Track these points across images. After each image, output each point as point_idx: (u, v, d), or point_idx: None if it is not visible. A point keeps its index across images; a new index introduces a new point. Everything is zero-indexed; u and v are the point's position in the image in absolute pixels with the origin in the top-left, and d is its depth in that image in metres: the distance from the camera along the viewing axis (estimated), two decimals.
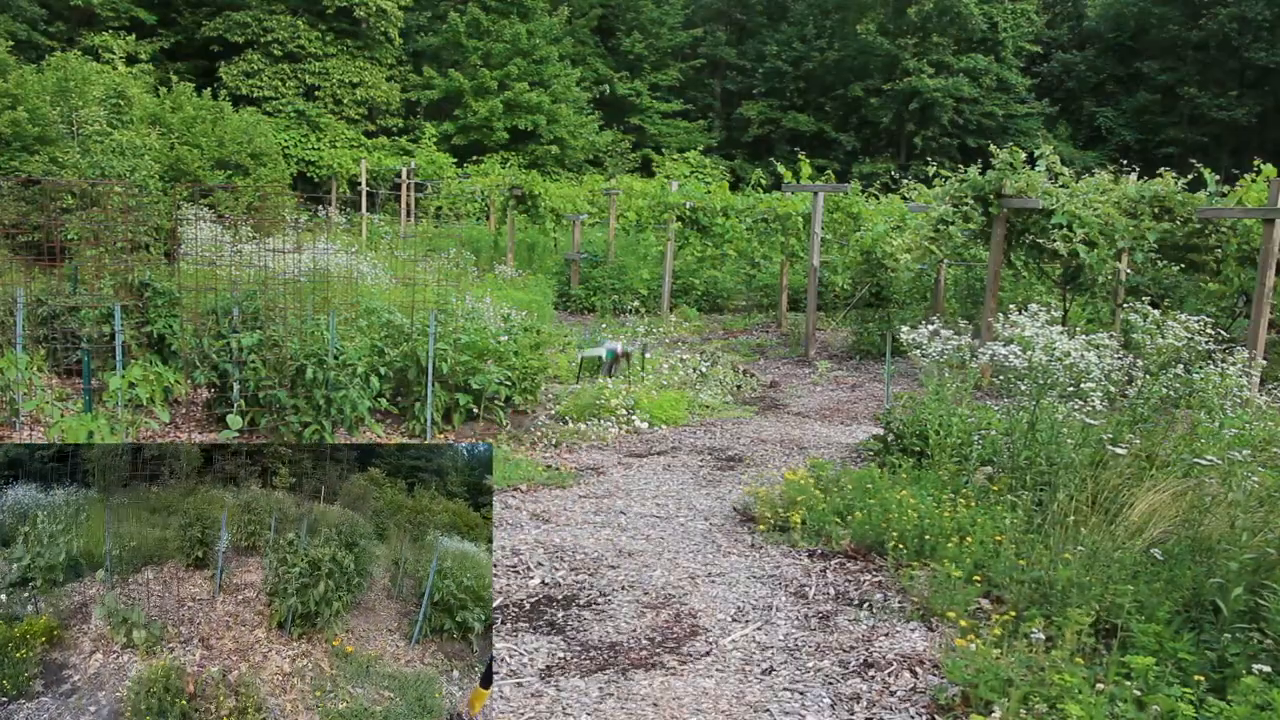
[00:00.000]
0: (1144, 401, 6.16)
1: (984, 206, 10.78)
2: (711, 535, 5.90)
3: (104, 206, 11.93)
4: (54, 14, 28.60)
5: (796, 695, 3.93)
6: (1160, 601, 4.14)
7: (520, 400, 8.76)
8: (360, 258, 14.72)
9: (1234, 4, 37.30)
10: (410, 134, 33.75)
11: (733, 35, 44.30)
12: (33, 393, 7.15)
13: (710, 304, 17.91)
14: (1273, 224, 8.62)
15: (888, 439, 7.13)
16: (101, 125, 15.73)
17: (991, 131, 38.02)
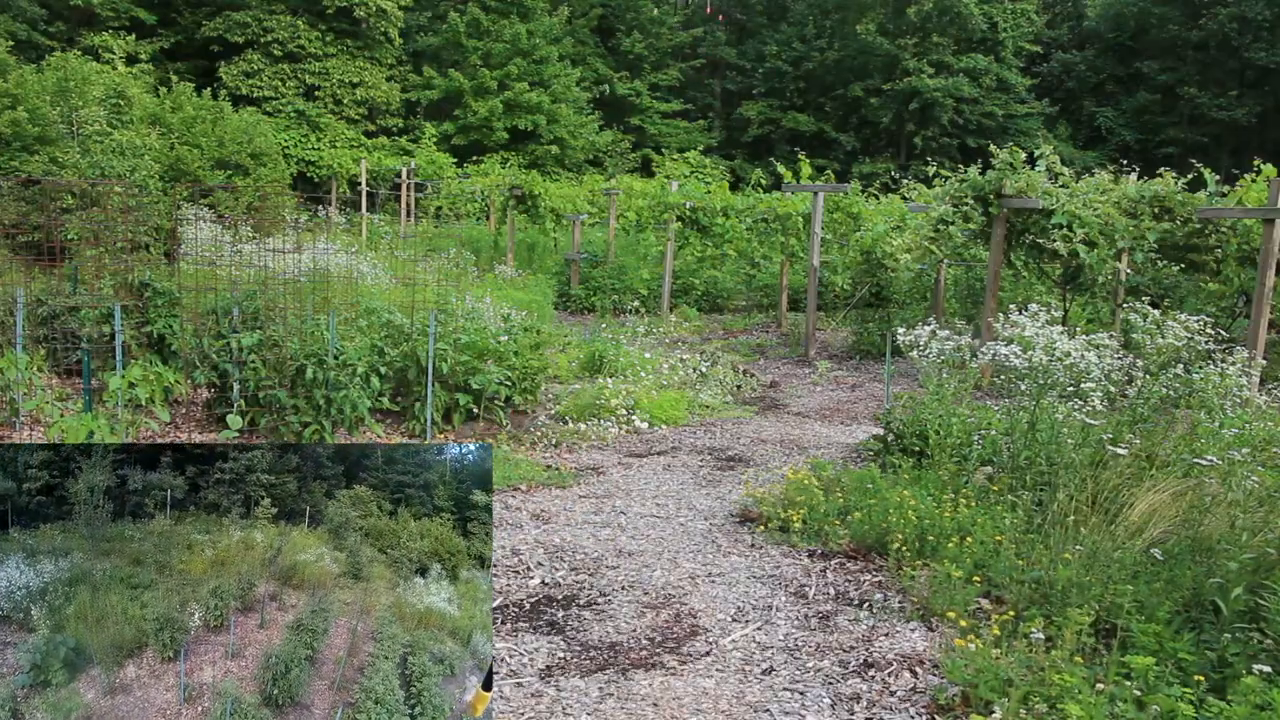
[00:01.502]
0: (1144, 401, 6.16)
1: (984, 206, 10.78)
2: (711, 535, 5.90)
3: (104, 206, 11.94)
4: (54, 14, 28.60)
5: (796, 695, 3.93)
6: (1160, 601, 4.14)
7: (520, 400, 8.76)
8: (360, 258, 14.73)
9: (1234, 4, 37.31)
10: (410, 134, 33.76)
11: (733, 35, 44.32)
12: (33, 393, 7.15)
13: (710, 304, 17.91)
14: (1273, 224, 8.63)
15: (888, 439, 7.13)
16: (101, 125, 15.73)
17: (991, 131, 38.04)
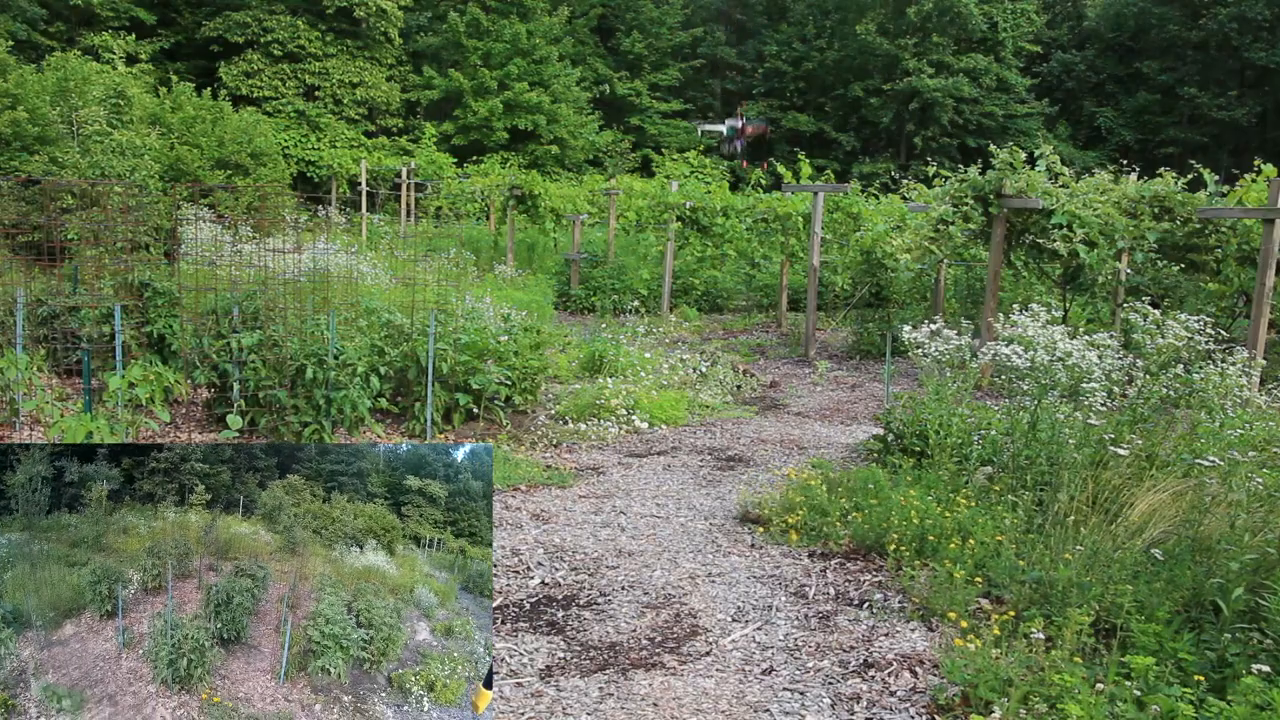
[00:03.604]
0: (1144, 401, 6.16)
1: (984, 206, 10.78)
2: (711, 535, 5.90)
3: (104, 206, 11.94)
4: (54, 14, 28.59)
5: (796, 695, 3.93)
6: (1160, 601, 4.14)
7: (520, 400, 8.76)
8: (360, 258, 14.72)
9: (1234, 4, 37.30)
10: (410, 134, 33.75)
11: (732, 35, 44.30)
12: (33, 393, 7.14)
13: (710, 304, 17.91)
14: (1273, 224, 8.63)
15: (888, 439, 7.13)
16: (101, 125, 15.72)
17: (991, 131, 38.02)
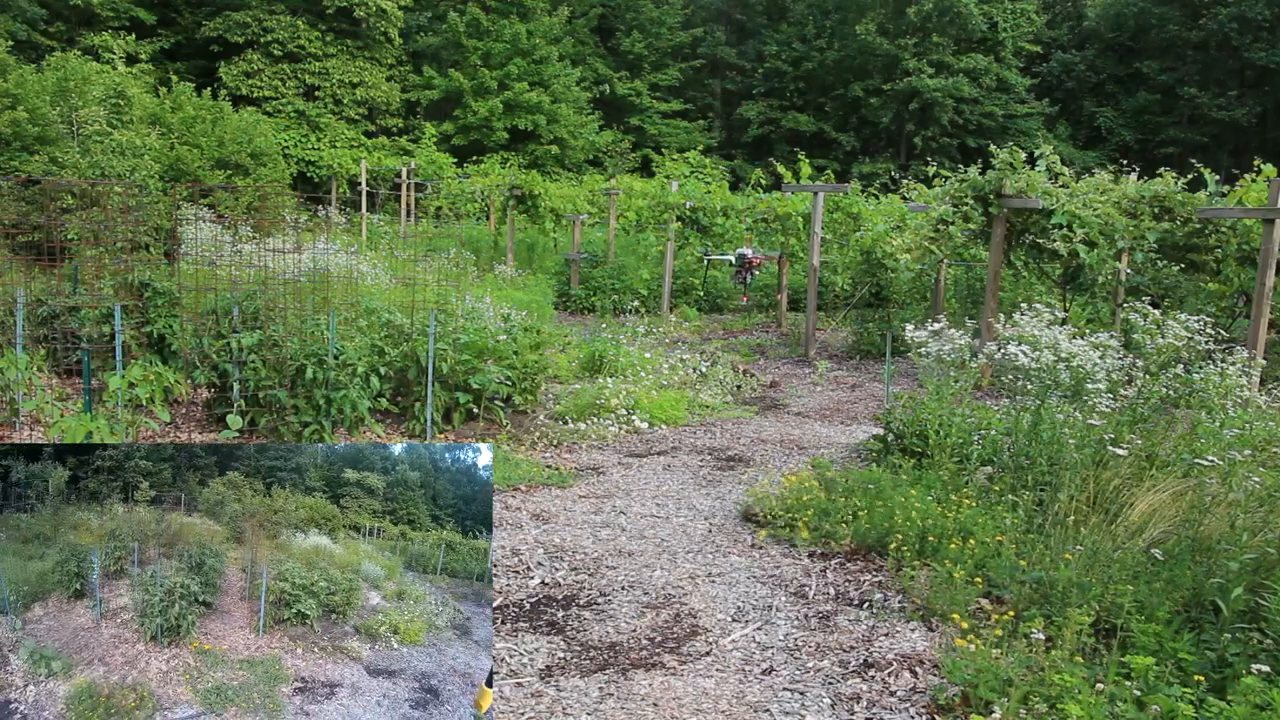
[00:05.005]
0: (1144, 401, 6.16)
1: (984, 206, 10.78)
2: (711, 535, 5.90)
3: (104, 206, 11.94)
4: (54, 14, 28.59)
5: (796, 695, 3.93)
6: (1160, 601, 4.14)
7: (520, 400, 8.76)
8: (360, 258, 14.72)
9: (1234, 4, 37.31)
10: (410, 134, 33.75)
11: (732, 35, 44.30)
12: (33, 393, 7.14)
13: (710, 304, 17.91)
14: (1273, 224, 8.63)
15: (888, 439, 7.13)
16: (101, 125, 15.72)
17: (991, 131, 38.03)
